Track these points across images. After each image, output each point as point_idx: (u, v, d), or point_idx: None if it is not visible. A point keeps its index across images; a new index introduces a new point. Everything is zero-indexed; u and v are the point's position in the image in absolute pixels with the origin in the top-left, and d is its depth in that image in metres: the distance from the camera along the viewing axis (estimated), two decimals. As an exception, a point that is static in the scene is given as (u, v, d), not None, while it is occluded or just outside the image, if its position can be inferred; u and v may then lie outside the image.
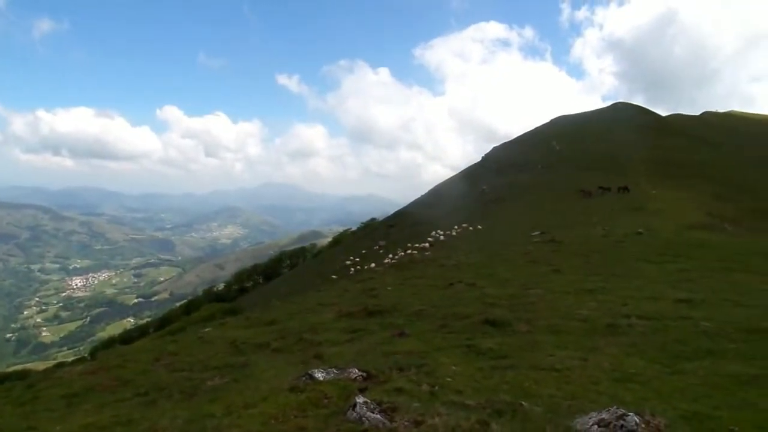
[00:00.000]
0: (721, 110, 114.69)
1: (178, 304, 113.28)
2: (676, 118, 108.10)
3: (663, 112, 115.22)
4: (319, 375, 6.87)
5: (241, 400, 6.43)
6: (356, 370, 6.98)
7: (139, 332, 72.17)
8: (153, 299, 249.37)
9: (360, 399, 5.33)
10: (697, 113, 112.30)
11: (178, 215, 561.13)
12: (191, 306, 79.65)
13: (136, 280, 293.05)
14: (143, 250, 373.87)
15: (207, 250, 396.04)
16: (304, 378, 6.83)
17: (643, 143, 74.54)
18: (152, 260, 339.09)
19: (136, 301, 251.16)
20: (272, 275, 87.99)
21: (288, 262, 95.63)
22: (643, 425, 4.61)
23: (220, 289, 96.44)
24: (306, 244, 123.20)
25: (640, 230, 28.02)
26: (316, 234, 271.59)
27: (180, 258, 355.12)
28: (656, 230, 28.49)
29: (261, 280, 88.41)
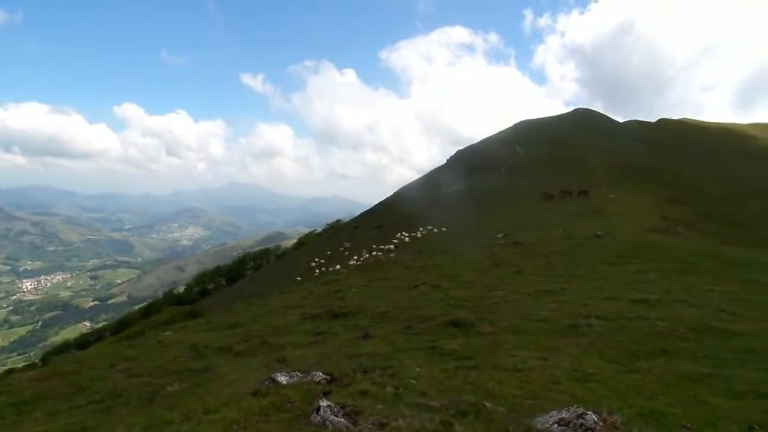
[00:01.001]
0: (676, 117, 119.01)
1: (136, 308, 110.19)
2: (634, 124, 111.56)
3: (621, 118, 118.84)
4: (283, 379, 6.78)
5: (202, 405, 6.29)
6: (320, 373, 6.92)
7: (95, 336, 69.91)
8: (110, 302, 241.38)
9: (324, 402, 5.29)
10: (653, 120, 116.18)
11: (137, 216, 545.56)
12: (150, 309, 77.62)
13: (92, 283, 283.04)
14: (100, 251, 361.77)
15: (167, 252, 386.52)
16: (267, 382, 6.73)
17: (602, 148, 76.75)
18: (109, 262, 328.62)
19: (92, 304, 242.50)
20: (235, 277, 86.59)
21: (252, 263, 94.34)
22: (601, 423, 4.72)
23: (180, 291, 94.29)
24: (270, 245, 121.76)
25: (599, 233, 28.79)
26: (281, 235, 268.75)
27: (139, 260, 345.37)
28: (615, 233, 29.33)
29: (224, 282, 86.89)
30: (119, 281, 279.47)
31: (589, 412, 4.83)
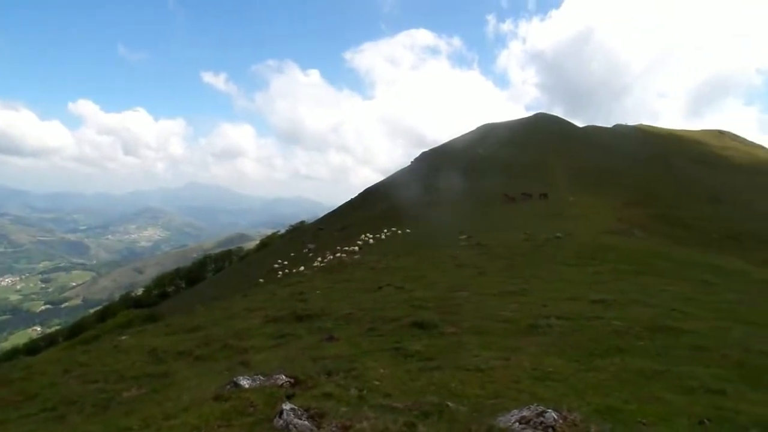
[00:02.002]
0: (632, 123, 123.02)
1: (91, 311, 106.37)
2: (592, 129, 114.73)
3: (580, 123, 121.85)
4: (245, 382, 6.67)
5: (161, 411, 6.12)
6: (283, 376, 6.84)
7: (47, 342, 67.14)
8: (63, 306, 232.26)
9: (287, 406, 5.23)
10: (611, 125, 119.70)
11: (92, 216, 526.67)
12: (106, 313, 75.01)
13: (43, 286, 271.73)
14: (52, 253, 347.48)
15: (125, 254, 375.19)
16: (228, 386, 6.60)
17: (562, 152, 78.72)
18: (63, 264, 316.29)
19: (43, 308, 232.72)
20: (196, 279, 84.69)
21: (213, 265, 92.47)
22: (560, 421, 4.82)
23: (138, 294, 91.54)
24: (232, 247, 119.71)
25: (559, 235, 29.49)
26: (243, 237, 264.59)
27: (95, 262, 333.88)
28: (574, 235, 30.11)
29: (184, 285, 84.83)
30: (73, 284, 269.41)
31: (549, 410, 4.92)
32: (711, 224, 51.23)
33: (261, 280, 39.69)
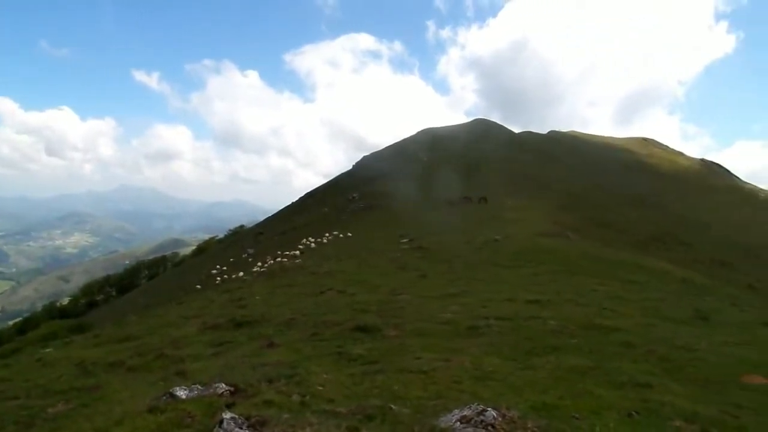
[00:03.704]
0: (565, 129, 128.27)
1: (11, 323, 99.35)
2: (528, 135, 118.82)
3: (517, 129, 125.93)
4: (182, 393, 6.42)
5: (91, 426, 5.80)
6: (223, 385, 6.64)
7: (-40, 356, 62.07)
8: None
9: (227, 415, 5.08)
10: (545, 131, 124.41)
11: (11, 221, 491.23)
12: (28, 324, 70.11)
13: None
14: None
15: (48, 261, 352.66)
16: (164, 397, 6.34)
17: (500, 157, 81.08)
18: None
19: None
20: (128, 287, 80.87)
21: (146, 272, 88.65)
22: (500, 418, 4.95)
23: (64, 303, 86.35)
24: (167, 252, 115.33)
25: (497, 237, 30.31)
26: (179, 242, 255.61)
27: (14, 270, 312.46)
28: (511, 238, 31.02)
29: (114, 293, 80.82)
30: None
31: (488, 409, 5.04)
32: (637, 227, 54.28)
33: (198, 286, 38.41)
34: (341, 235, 43.32)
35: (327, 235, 44.15)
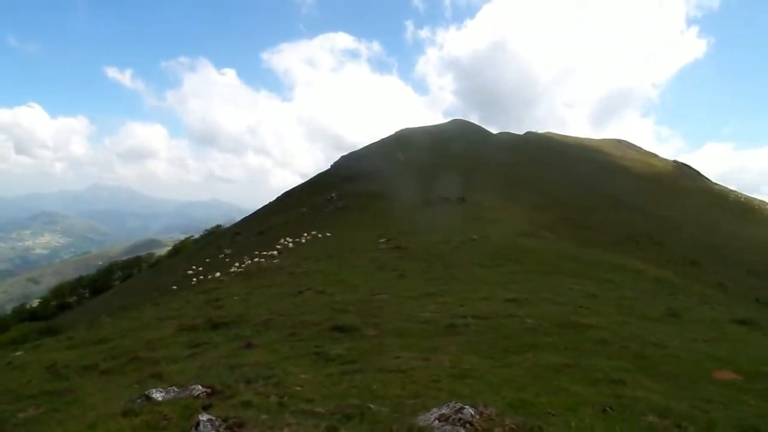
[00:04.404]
0: (541, 131, 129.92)
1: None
2: (505, 135, 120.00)
3: (494, 130, 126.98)
4: (158, 395, 6.32)
5: (63, 430, 5.67)
6: (200, 387, 6.56)
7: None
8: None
9: (204, 417, 5.02)
10: (522, 132, 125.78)
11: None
12: (-4, 327, 68.42)
13: None
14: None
15: (17, 262, 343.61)
16: (139, 400, 6.23)
17: (478, 157, 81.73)
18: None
19: None
20: (101, 289, 79.22)
21: (120, 273, 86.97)
22: (477, 416, 4.99)
23: (34, 306, 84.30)
24: (142, 253, 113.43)
25: (475, 237, 30.55)
26: (154, 242, 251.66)
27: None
28: (489, 237, 31.30)
29: (87, 295, 79.15)
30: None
31: (466, 407, 5.08)
32: (612, 227, 55.30)
33: (174, 287, 37.84)
34: (320, 235, 43.14)
35: (305, 235, 43.92)
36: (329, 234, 43.12)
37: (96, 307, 54.67)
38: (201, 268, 44.20)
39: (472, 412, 5.01)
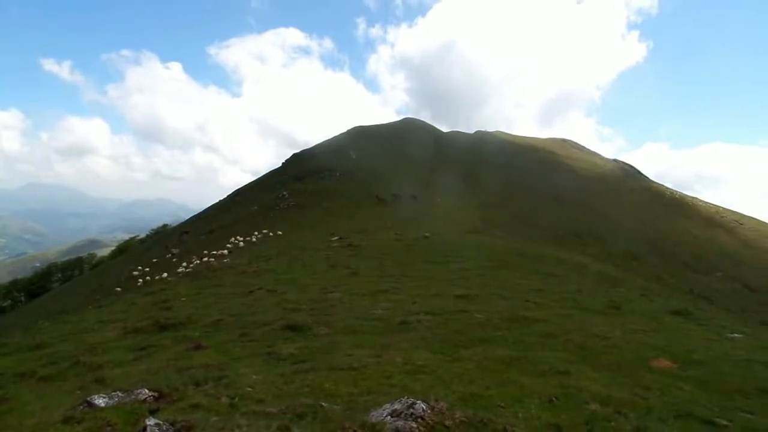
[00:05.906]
0: (491, 130, 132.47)
1: None
2: (456, 134, 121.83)
3: (445, 128, 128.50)
4: (100, 401, 6.09)
5: (-3, 441, 5.38)
6: (146, 391, 6.36)
7: None
8: None
9: (150, 421, 4.88)
10: (472, 131, 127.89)
11: None
12: None
13: None
14: None
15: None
16: (81, 406, 5.98)
17: (429, 156, 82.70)
18: None
19: None
20: (38, 292, 75.27)
21: (59, 275, 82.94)
22: (429, 410, 5.08)
23: (-35, 311, 79.40)
24: (83, 254, 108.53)
25: (426, 234, 30.92)
26: (96, 243, 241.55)
27: None
28: (440, 234, 31.76)
29: (23, 298, 75.14)
30: None
31: (418, 402, 5.16)
32: (557, 223, 57.14)
33: (118, 289, 36.45)
34: (271, 234, 42.59)
35: (256, 233, 43.25)
36: (281, 232, 42.64)
37: (32, 311, 51.91)
38: (147, 269, 42.79)
39: (424, 407, 5.09)
